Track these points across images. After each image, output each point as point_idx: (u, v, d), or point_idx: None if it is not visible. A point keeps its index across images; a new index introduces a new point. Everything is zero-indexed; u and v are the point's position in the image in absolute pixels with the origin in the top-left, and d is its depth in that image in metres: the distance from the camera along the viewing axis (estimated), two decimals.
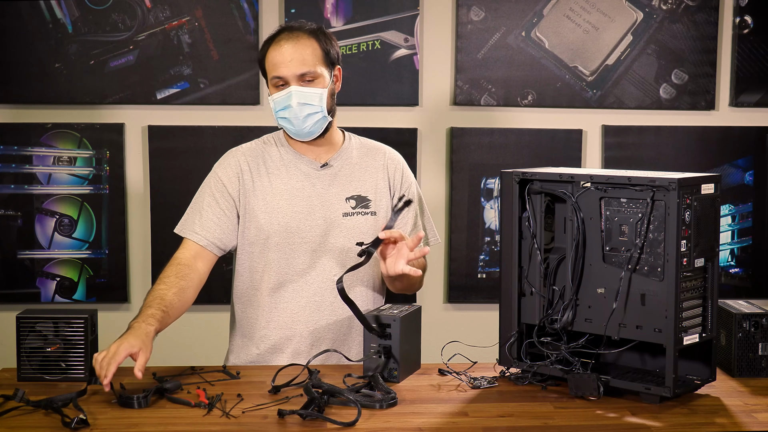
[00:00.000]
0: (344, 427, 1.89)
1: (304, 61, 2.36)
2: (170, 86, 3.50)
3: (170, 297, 2.26)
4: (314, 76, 2.37)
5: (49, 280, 3.53)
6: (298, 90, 2.35)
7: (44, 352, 2.20)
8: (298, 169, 2.44)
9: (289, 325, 2.42)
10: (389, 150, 2.56)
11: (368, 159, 2.50)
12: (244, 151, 2.48)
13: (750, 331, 2.24)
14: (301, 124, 2.38)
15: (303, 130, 2.39)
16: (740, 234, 3.69)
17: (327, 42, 2.42)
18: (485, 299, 3.61)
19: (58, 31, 3.45)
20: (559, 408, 2.03)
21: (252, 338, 2.46)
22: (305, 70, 2.36)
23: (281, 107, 2.38)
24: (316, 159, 2.46)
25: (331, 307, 2.42)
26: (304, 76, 2.36)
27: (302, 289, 2.42)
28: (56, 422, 1.91)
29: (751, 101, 3.65)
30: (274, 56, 2.38)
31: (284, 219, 2.40)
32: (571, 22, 3.58)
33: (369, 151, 2.52)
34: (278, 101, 2.38)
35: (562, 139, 3.62)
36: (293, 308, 2.42)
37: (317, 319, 2.42)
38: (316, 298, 2.41)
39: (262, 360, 2.45)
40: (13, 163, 3.49)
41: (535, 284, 2.19)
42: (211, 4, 3.49)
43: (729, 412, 2.01)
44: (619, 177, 2.06)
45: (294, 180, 2.43)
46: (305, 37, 2.39)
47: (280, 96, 2.37)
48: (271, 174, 2.44)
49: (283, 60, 2.36)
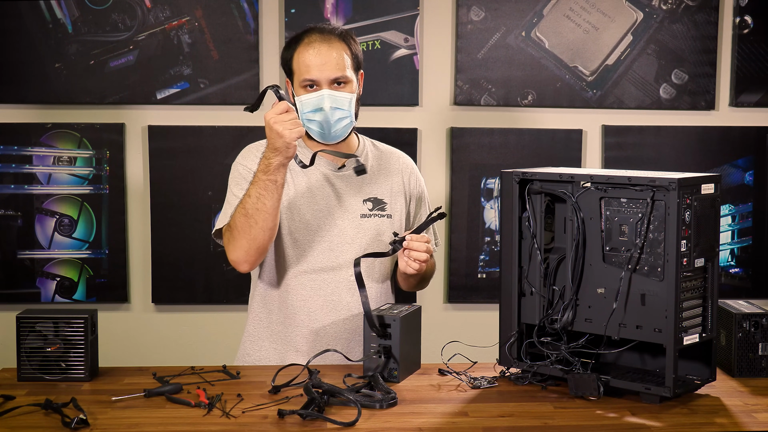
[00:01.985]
0: (344, 427, 1.90)
1: (338, 66, 2.34)
2: (170, 86, 3.50)
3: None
4: (346, 80, 2.36)
5: (49, 280, 3.53)
6: (330, 94, 2.33)
7: (44, 352, 2.20)
8: (317, 169, 2.44)
9: (306, 323, 2.41)
10: (402, 155, 2.58)
11: (383, 162, 2.52)
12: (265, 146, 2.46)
13: (750, 331, 2.24)
14: (331, 128, 2.37)
15: (331, 133, 2.38)
16: (740, 234, 3.69)
17: (355, 46, 2.42)
18: (485, 299, 3.61)
19: (58, 31, 3.45)
20: (559, 408, 2.03)
21: (266, 334, 2.46)
22: (339, 74, 2.34)
23: (312, 109, 2.35)
24: (334, 161, 2.46)
25: (347, 307, 2.42)
26: (336, 80, 2.35)
27: (319, 288, 2.41)
28: (56, 422, 1.92)
29: (751, 101, 3.65)
30: (308, 58, 2.35)
31: (306, 216, 2.40)
32: (571, 22, 3.58)
33: (383, 154, 2.54)
34: (309, 103, 2.35)
35: (562, 139, 3.62)
36: (310, 307, 2.41)
37: (333, 318, 2.41)
38: (334, 297, 2.41)
39: (278, 356, 2.43)
40: (13, 163, 3.49)
41: (535, 284, 2.19)
42: (211, 4, 3.49)
43: (729, 412, 2.01)
44: (619, 177, 2.06)
45: (313, 179, 2.43)
46: (337, 41, 2.37)
47: (312, 98, 2.34)
48: (292, 171, 2.43)
49: (317, 62, 2.33)
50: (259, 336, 2.47)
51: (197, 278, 3.57)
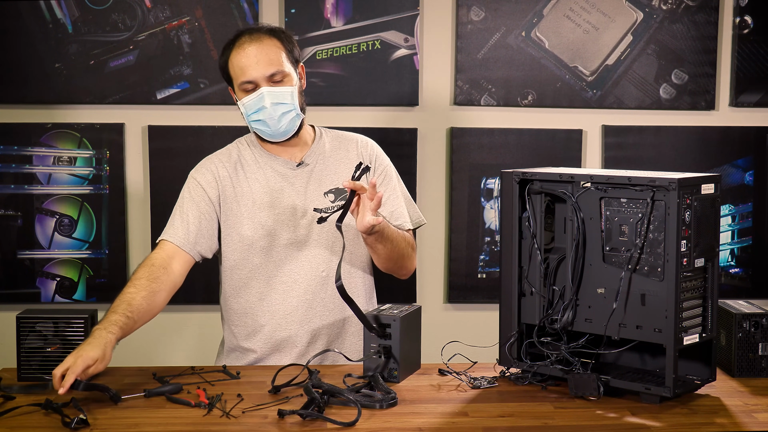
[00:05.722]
0: (344, 427, 1.89)
1: (271, 62, 2.35)
2: (170, 86, 3.50)
3: (138, 301, 2.22)
4: (283, 75, 2.37)
5: (49, 280, 3.53)
6: (269, 90, 2.34)
7: (44, 352, 2.20)
8: (274, 170, 2.43)
9: (283, 326, 2.42)
10: (361, 138, 2.56)
11: (341, 151, 2.50)
12: (221, 157, 2.48)
13: (750, 331, 2.24)
14: (277, 124, 2.37)
15: (278, 129, 2.38)
16: (740, 234, 3.69)
17: (288, 40, 2.41)
18: (485, 299, 3.61)
19: (58, 31, 3.45)
20: (559, 408, 2.03)
21: (245, 342, 2.46)
22: (274, 70, 2.35)
23: (254, 110, 2.36)
24: (291, 158, 2.45)
25: (322, 303, 2.42)
26: (273, 76, 2.35)
27: (292, 290, 2.41)
28: (56, 422, 1.92)
29: (751, 101, 3.65)
30: (240, 60, 2.36)
31: (267, 222, 2.39)
32: (571, 22, 3.57)
33: (341, 143, 2.52)
34: (250, 104, 2.36)
35: (562, 139, 3.61)
36: (285, 309, 2.42)
37: (311, 317, 2.42)
38: (308, 296, 2.41)
39: (261, 363, 2.45)
40: (13, 163, 3.49)
41: (535, 284, 2.19)
42: (211, 4, 3.49)
43: (729, 412, 2.01)
44: (619, 177, 2.06)
45: (272, 182, 2.42)
46: (267, 38, 2.38)
47: (252, 98, 2.36)
48: (249, 178, 2.43)
49: (250, 63, 2.34)
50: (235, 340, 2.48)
51: (197, 278, 3.54)
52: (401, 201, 2.52)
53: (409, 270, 2.52)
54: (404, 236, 2.45)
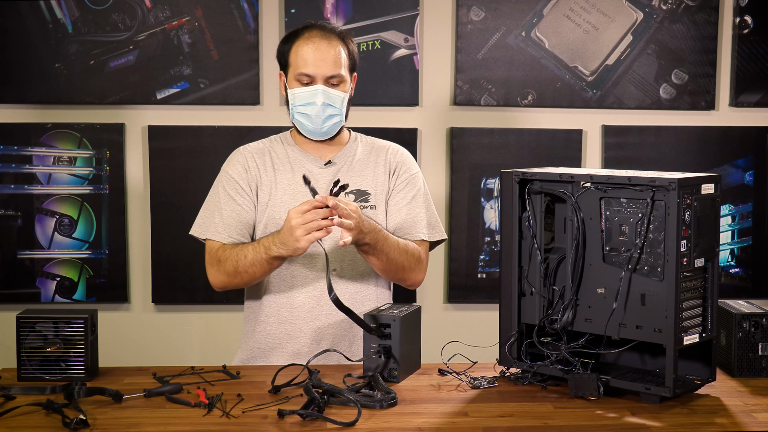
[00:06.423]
0: (344, 427, 1.89)
1: (335, 63, 2.37)
2: (170, 86, 3.50)
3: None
4: (340, 79, 2.39)
5: (49, 280, 3.53)
6: (325, 90, 2.36)
7: (44, 352, 2.20)
8: (302, 166, 2.45)
9: (289, 320, 2.42)
10: (393, 145, 2.56)
11: (372, 156, 2.51)
12: (252, 149, 2.49)
13: (750, 331, 2.24)
14: (321, 124, 2.39)
15: (320, 129, 2.40)
16: (740, 234, 3.69)
17: (353, 47, 2.44)
18: (485, 299, 3.61)
19: (58, 31, 3.45)
20: (559, 408, 2.03)
21: (253, 333, 2.47)
22: (335, 72, 2.37)
23: (303, 102, 2.37)
24: (321, 157, 2.47)
25: (329, 303, 2.42)
26: (332, 78, 2.37)
27: (302, 285, 2.42)
28: (56, 422, 1.91)
29: (751, 101, 3.65)
30: (306, 52, 2.37)
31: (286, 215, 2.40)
32: (571, 22, 3.58)
33: (373, 149, 2.53)
34: (302, 96, 2.37)
35: (562, 139, 3.61)
36: (293, 303, 2.42)
37: (317, 314, 2.42)
38: (316, 293, 2.42)
39: (263, 356, 2.45)
40: (13, 163, 3.49)
41: (535, 284, 2.19)
42: (211, 4, 3.49)
43: (729, 412, 2.01)
44: (619, 177, 2.06)
45: (298, 176, 2.43)
46: (336, 39, 2.40)
47: (306, 91, 2.37)
48: (276, 171, 2.45)
49: (315, 58, 2.36)
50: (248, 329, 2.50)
51: (197, 278, 3.56)
52: (421, 212, 2.49)
53: (413, 281, 2.48)
54: (407, 248, 2.41)
